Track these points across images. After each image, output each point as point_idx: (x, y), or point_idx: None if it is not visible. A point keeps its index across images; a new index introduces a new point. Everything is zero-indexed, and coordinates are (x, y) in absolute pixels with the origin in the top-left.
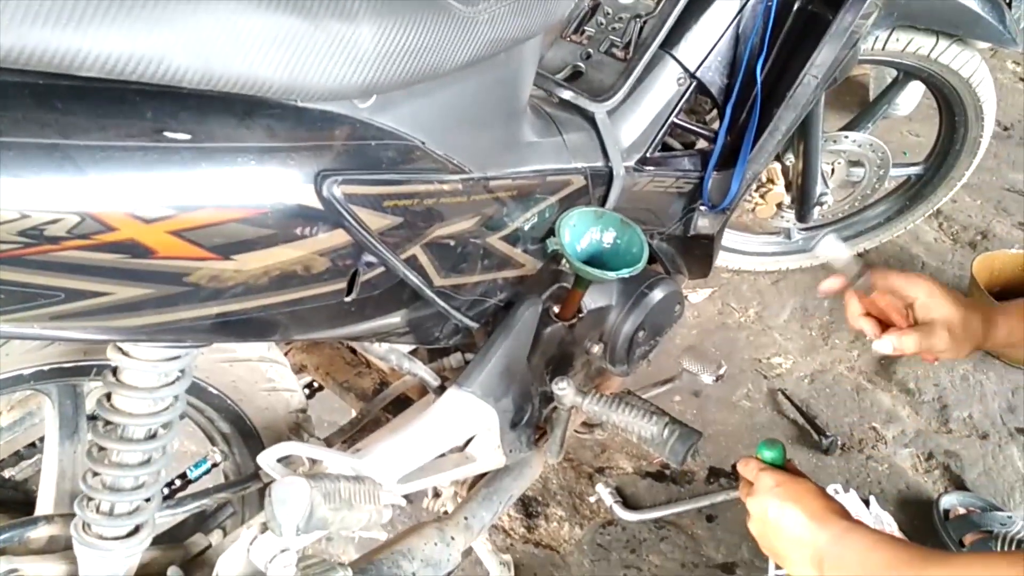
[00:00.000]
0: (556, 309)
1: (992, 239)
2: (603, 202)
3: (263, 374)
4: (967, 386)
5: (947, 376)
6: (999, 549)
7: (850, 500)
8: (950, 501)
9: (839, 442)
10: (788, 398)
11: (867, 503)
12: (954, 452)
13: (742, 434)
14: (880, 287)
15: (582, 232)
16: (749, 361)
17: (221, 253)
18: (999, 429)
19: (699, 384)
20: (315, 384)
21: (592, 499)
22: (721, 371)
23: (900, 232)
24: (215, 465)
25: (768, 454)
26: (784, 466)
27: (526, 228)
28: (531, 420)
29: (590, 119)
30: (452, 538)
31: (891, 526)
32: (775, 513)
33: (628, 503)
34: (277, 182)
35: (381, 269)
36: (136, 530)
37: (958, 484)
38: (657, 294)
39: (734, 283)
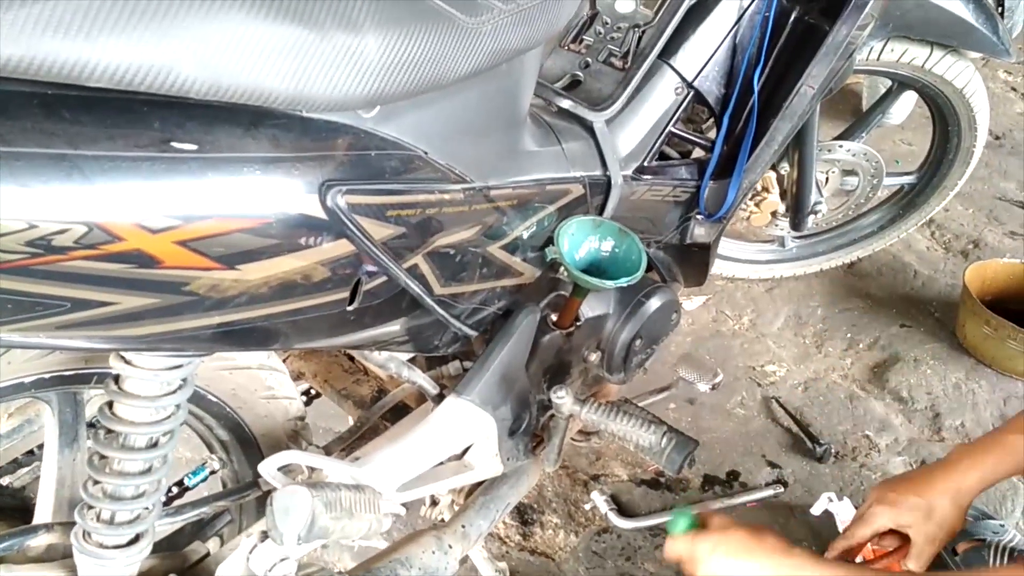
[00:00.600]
0: (554, 317)
1: (984, 248)
2: (601, 211)
3: (262, 382)
4: (959, 395)
5: (940, 385)
6: (991, 557)
7: (844, 508)
8: None
9: (832, 450)
10: (782, 406)
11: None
12: None
13: (737, 441)
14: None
15: (580, 241)
16: (743, 369)
17: (226, 263)
18: None
19: (694, 392)
20: (313, 391)
21: (587, 506)
22: (717, 379)
23: (893, 241)
24: (213, 472)
25: (684, 525)
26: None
27: (525, 237)
28: (529, 428)
29: (588, 128)
30: (449, 546)
31: None
32: (729, 570)
33: (623, 510)
34: (282, 192)
35: (383, 278)
36: (136, 539)
37: None
38: (654, 303)
39: (728, 291)
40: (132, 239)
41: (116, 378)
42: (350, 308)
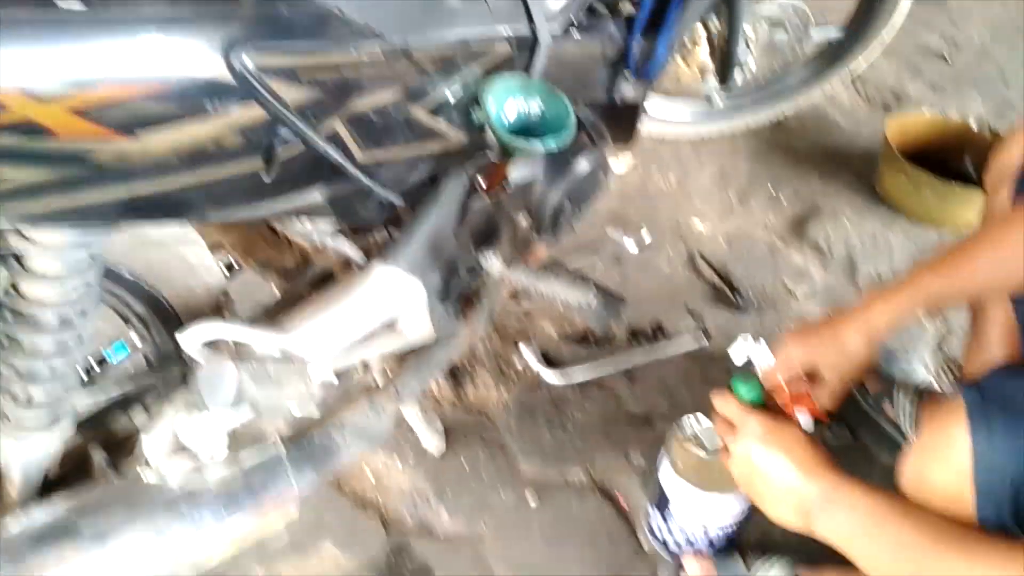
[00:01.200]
0: (482, 181)
1: (905, 100)
2: (528, 70)
3: (180, 255)
4: (875, 244)
5: (857, 235)
6: (900, 395)
7: (760, 349)
8: None
9: (753, 301)
10: (706, 260)
11: None
12: None
13: (662, 296)
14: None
15: (507, 101)
16: (669, 226)
17: (127, 132)
18: None
19: (622, 250)
20: (234, 263)
21: (518, 363)
22: (644, 239)
23: (818, 96)
24: (134, 348)
25: (747, 393)
26: (764, 403)
27: (450, 99)
28: (459, 292)
29: None
30: (384, 409)
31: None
32: (762, 460)
33: (552, 366)
34: (183, 54)
35: (300, 145)
36: (57, 418)
37: None
38: (583, 164)
39: (656, 149)
40: (17, 108)
41: (18, 257)
42: (266, 177)
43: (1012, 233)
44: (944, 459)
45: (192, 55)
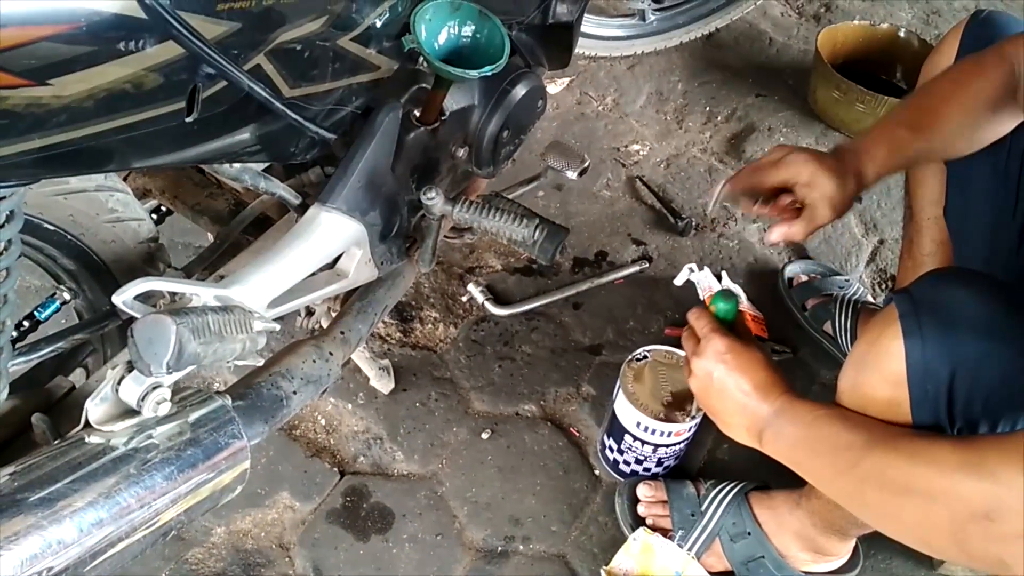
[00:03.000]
0: (417, 113)
1: (836, 11)
2: None
3: (103, 204)
4: None
5: None
6: (837, 311)
7: (704, 276)
8: (793, 270)
9: (693, 223)
10: (645, 184)
11: (719, 277)
12: None
13: (603, 223)
14: (766, 180)
15: (439, 27)
16: (608, 151)
17: (34, 78)
18: None
19: (562, 178)
20: (163, 209)
21: (464, 299)
22: (584, 165)
23: (750, 8)
24: (65, 303)
25: (723, 307)
26: (734, 322)
27: (378, 26)
28: (401, 231)
29: None
30: (330, 353)
31: (741, 296)
32: (720, 377)
33: (499, 299)
34: None
35: (222, 83)
36: None
37: (800, 254)
38: (520, 90)
39: (591, 71)
40: None
41: None
42: (189, 119)
43: (964, 87)
44: (879, 368)
45: None
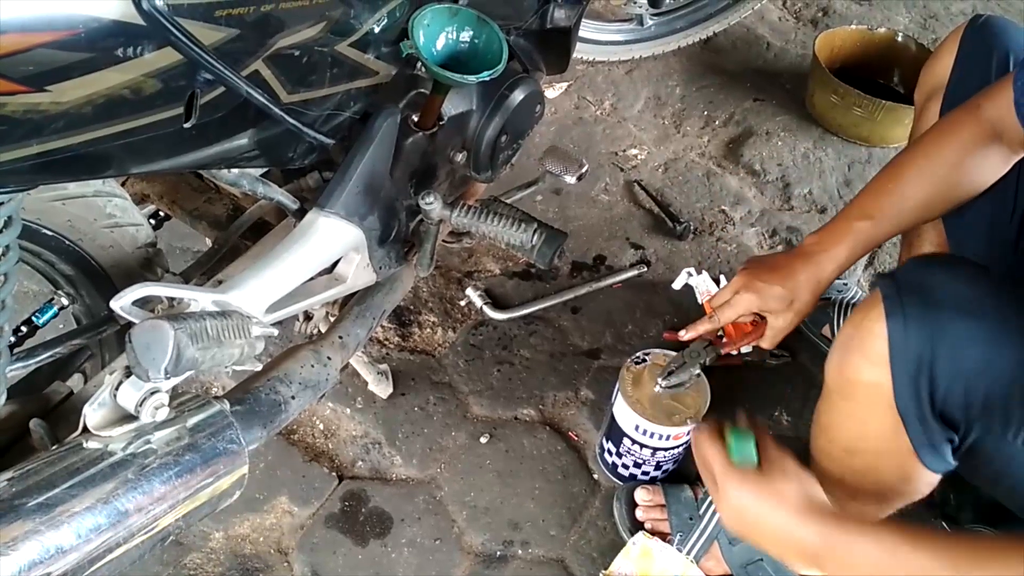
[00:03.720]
0: (415, 118)
1: (833, 15)
2: None
3: (101, 210)
4: (808, 163)
5: (790, 155)
6: (836, 314)
7: (702, 280)
8: None
9: (691, 227)
10: (644, 188)
11: (718, 282)
12: (795, 227)
13: (602, 227)
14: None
15: (437, 32)
16: (606, 155)
17: (33, 84)
18: (836, 202)
19: (560, 182)
20: (161, 214)
21: (463, 303)
22: (582, 170)
23: (748, 13)
24: (63, 308)
25: (738, 453)
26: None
27: (376, 31)
28: (399, 235)
29: None
30: (328, 358)
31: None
32: (754, 515)
33: (497, 303)
34: None
35: (221, 89)
36: None
37: None
38: (518, 95)
39: (589, 75)
40: None
41: None
42: (188, 125)
43: (934, 157)
44: (863, 349)
45: None
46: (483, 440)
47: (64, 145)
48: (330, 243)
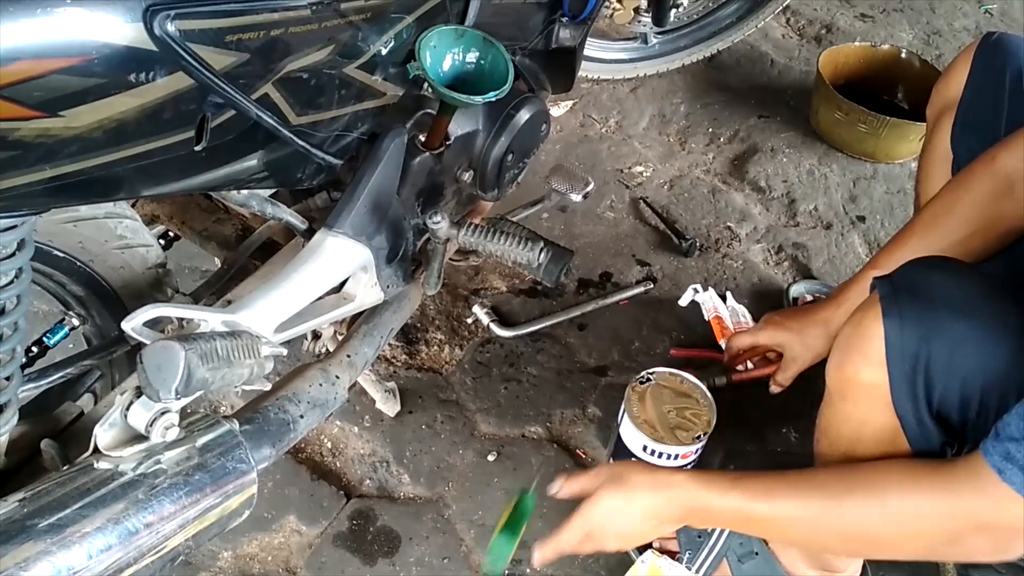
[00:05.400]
0: (422, 138)
1: (837, 32)
2: (462, 18)
3: (112, 231)
4: (813, 180)
5: (795, 171)
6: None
7: (709, 297)
8: (798, 290)
9: (697, 243)
10: (649, 205)
11: (724, 298)
12: (801, 243)
13: (608, 244)
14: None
15: (444, 54)
16: (612, 172)
17: (46, 110)
18: (841, 219)
19: (566, 200)
20: (171, 234)
21: (470, 320)
22: (588, 188)
23: (751, 31)
24: (73, 329)
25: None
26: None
27: (384, 53)
28: (406, 254)
29: None
30: (336, 377)
31: (745, 317)
32: (618, 509)
33: (504, 321)
34: (100, 23)
35: (231, 112)
36: (0, 409)
37: (805, 273)
38: (524, 114)
39: (594, 93)
40: None
41: None
42: (198, 147)
43: (947, 216)
44: (861, 349)
45: (110, 24)
46: (491, 458)
47: (76, 169)
48: (338, 263)
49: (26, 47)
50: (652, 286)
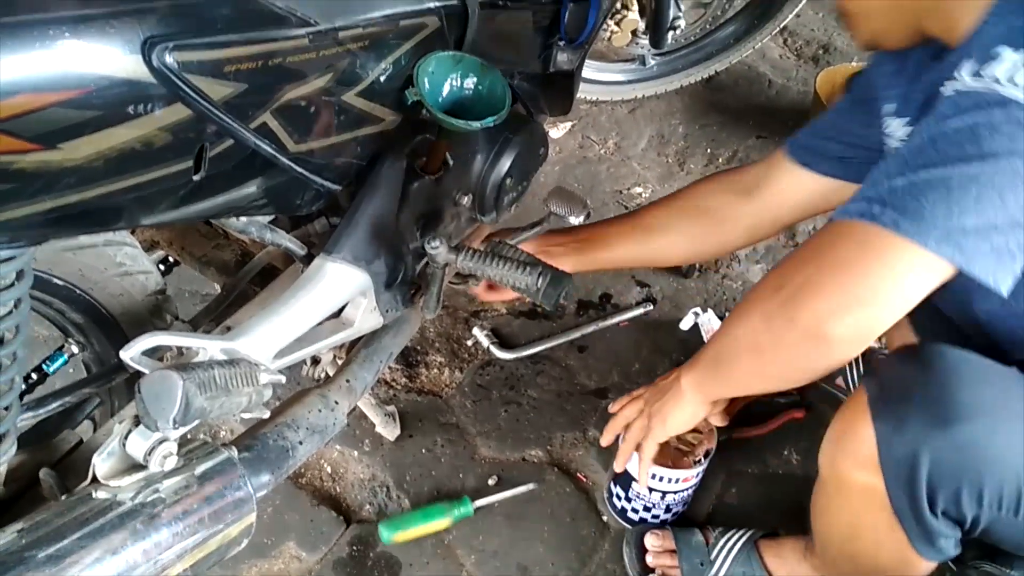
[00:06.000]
0: (421, 163)
1: (834, 52)
2: (460, 45)
3: (111, 259)
4: None
5: None
6: (848, 367)
7: (709, 319)
8: None
9: (697, 265)
10: None
11: (723, 320)
12: None
13: None
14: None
15: (442, 80)
16: (611, 194)
17: (44, 143)
18: None
19: (565, 223)
20: (171, 260)
21: (469, 343)
22: (586, 211)
23: (749, 52)
24: (72, 356)
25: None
26: None
27: (382, 80)
28: (405, 278)
29: None
30: (336, 402)
31: None
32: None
33: (504, 343)
34: (98, 56)
35: (229, 141)
36: None
37: None
38: (522, 138)
39: (592, 115)
40: None
41: None
42: (197, 177)
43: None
44: (853, 453)
45: (108, 56)
46: (491, 482)
47: (75, 200)
48: (337, 288)
49: (26, 80)
50: (652, 307)
